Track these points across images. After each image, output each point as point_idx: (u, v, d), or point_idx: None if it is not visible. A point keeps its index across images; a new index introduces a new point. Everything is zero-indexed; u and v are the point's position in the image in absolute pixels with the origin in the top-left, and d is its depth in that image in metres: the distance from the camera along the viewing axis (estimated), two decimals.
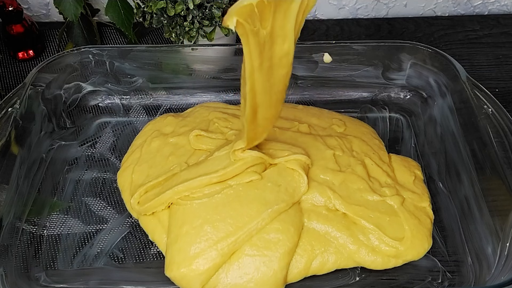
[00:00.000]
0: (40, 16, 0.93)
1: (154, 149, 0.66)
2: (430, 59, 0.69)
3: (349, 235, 0.57)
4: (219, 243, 0.55)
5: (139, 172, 0.64)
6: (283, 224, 0.56)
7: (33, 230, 0.61)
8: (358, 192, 0.60)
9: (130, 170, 0.65)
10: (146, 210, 0.60)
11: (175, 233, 0.57)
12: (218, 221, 0.56)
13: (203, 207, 0.57)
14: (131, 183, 0.63)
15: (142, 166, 0.64)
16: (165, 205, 0.59)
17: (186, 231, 0.56)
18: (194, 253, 0.55)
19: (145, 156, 0.66)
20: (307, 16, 0.49)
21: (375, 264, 0.56)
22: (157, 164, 0.64)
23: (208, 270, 0.54)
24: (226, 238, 0.55)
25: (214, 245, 0.55)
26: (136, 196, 0.61)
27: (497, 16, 0.93)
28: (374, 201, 0.59)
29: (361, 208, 0.58)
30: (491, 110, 0.60)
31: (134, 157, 0.66)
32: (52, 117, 0.69)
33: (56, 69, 0.69)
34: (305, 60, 0.72)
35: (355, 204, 0.58)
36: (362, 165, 0.62)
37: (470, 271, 0.56)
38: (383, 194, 0.60)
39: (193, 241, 0.56)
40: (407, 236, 0.57)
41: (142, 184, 0.62)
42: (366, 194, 0.60)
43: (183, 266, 0.55)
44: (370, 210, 0.58)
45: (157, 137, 0.67)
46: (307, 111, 0.71)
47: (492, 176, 0.57)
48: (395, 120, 0.73)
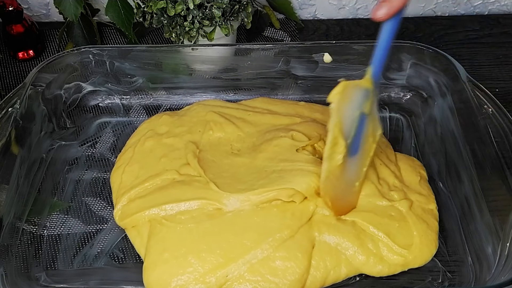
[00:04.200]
0: (40, 16, 0.93)
1: (147, 149, 0.65)
2: (430, 59, 0.69)
3: (359, 245, 0.55)
4: (207, 276, 0.52)
5: (129, 172, 0.63)
6: (290, 251, 0.53)
7: (33, 230, 0.61)
8: (366, 197, 0.59)
9: (121, 170, 0.64)
10: (126, 225, 0.59)
11: (153, 258, 0.54)
12: (204, 252, 0.53)
13: (188, 234, 0.55)
14: (120, 184, 0.63)
15: (133, 167, 0.64)
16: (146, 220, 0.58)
17: (166, 259, 0.53)
18: (176, 286, 0.52)
19: (137, 156, 0.65)
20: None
21: (381, 273, 0.56)
22: (148, 165, 0.63)
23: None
24: (215, 270, 0.52)
25: (201, 278, 0.52)
26: (120, 207, 0.60)
27: (497, 16, 0.93)
28: (383, 206, 0.58)
29: (370, 214, 0.57)
30: (491, 110, 0.60)
31: (126, 157, 0.66)
32: (52, 117, 0.69)
33: (56, 69, 0.69)
34: (305, 60, 0.72)
35: (364, 211, 0.57)
36: (373, 167, 0.61)
37: (470, 271, 0.56)
38: (391, 199, 0.59)
39: (175, 272, 0.52)
40: (416, 243, 0.56)
41: (130, 186, 0.61)
42: (375, 199, 0.59)
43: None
44: (379, 216, 0.57)
45: (151, 137, 0.67)
46: (310, 107, 0.71)
47: (492, 176, 0.57)
48: (395, 120, 0.73)
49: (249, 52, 0.73)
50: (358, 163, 0.56)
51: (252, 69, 0.74)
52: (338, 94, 0.51)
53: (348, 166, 0.55)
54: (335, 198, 0.56)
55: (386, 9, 0.47)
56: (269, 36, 0.88)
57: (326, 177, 0.54)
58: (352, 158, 0.55)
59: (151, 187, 0.61)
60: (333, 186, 0.55)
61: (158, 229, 0.56)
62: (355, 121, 0.53)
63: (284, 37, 0.88)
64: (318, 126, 0.65)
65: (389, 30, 0.50)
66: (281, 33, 0.89)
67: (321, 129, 0.64)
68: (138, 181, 0.61)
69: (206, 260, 0.53)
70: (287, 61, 0.72)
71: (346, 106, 0.52)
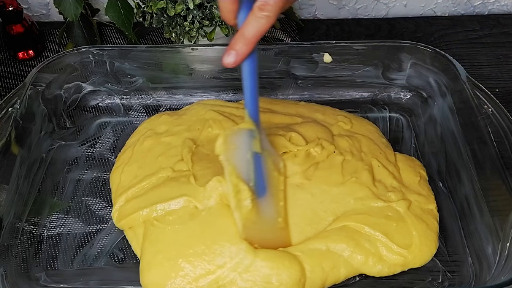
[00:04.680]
0: (40, 16, 0.93)
1: (146, 148, 0.65)
2: (430, 59, 0.69)
3: (355, 245, 0.55)
4: (199, 280, 0.52)
5: (128, 172, 0.63)
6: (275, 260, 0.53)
7: (33, 230, 0.61)
8: (360, 200, 0.58)
9: (119, 170, 0.64)
10: (123, 226, 0.59)
11: (148, 259, 0.55)
12: (192, 256, 0.53)
13: (176, 236, 0.55)
14: (119, 184, 0.63)
15: (132, 166, 0.64)
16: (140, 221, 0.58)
17: (160, 262, 0.54)
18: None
19: (136, 155, 0.65)
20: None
21: (381, 274, 0.56)
22: (146, 165, 0.63)
23: None
24: (206, 276, 0.52)
25: (194, 282, 0.52)
26: (117, 207, 0.60)
27: (497, 16, 0.93)
28: (379, 207, 0.58)
29: (363, 216, 0.57)
30: (491, 110, 0.60)
31: (125, 157, 0.66)
32: (52, 117, 0.69)
33: (56, 69, 0.69)
34: (305, 60, 0.72)
35: (357, 214, 0.57)
36: (369, 170, 0.61)
37: (470, 271, 0.56)
38: (388, 200, 0.59)
39: (168, 275, 0.53)
40: (415, 243, 0.56)
41: (128, 185, 0.61)
42: (369, 202, 0.58)
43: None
44: (374, 217, 0.57)
45: (150, 137, 0.66)
46: (310, 107, 0.71)
47: (492, 176, 0.57)
48: (395, 120, 0.73)
49: None
50: (271, 200, 0.56)
51: None
52: (222, 145, 0.52)
53: (262, 207, 0.55)
54: (263, 240, 0.54)
55: (233, 57, 0.47)
56: (269, 36, 0.88)
57: (243, 226, 0.53)
58: (263, 198, 0.55)
59: (148, 186, 0.61)
60: (255, 231, 0.54)
61: (151, 231, 0.57)
62: (251, 162, 0.53)
63: (284, 37, 0.88)
64: (319, 128, 0.65)
65: (248, 70, 0.49)
66: (281, 33, 0.89)
67: (321, 132, 0.64)
68: (136, 181, 0.61)
69: (195, 265, 0.53)
70: (287, 61, 0.72)
71: (236, 152, 0.53)
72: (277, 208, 0.56)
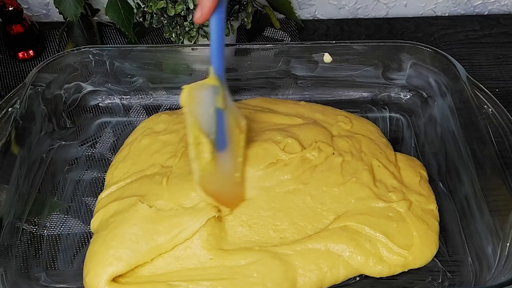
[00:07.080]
0: (40, 16, 0.93)
1: (143, 146, 0.66)
2: (430, 59, 0.69)
3: (355, 246, 0.55)
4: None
5: (121, 168, 0.64)
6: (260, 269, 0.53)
7: (33, 230, 0.61)
8: (361, 200, 0.58)
9: (114, 167, 0.65)
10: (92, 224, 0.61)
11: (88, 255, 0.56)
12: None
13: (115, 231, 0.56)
14: (110, 180, 0.63)
15: (126, 163, 0.64)
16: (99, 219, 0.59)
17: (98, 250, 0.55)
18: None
19: (132, 153, 0.65)
20: None
21: (382, 274, 0.56)
22: (139, 161, 0.64)
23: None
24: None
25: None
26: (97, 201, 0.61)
27: (497, 16, 0.93)
28: (380, 208, 0.58)
29: (364, 216, 0.57)
30: (491, 110, 0.60)
31: (122, 155, 0.66)
32: (52, 117, 0.69)
33: (56, 69, 0.69)
34: (305, 60, 0.72)
35: (358, 214, 0.57)
36: (369, 170, 0.61)
37: (470, 271, 0.56)
38: (389, 200, 0.59)
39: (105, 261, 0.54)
40: (416, 243, 0.56)
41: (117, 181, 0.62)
42: (370, 202, 0.58)
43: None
44: (375, 217, 0.57)
45: (148, 135, 0.67)
46: (310, 107, 0.71)
47: (492, 176, 0.57)
48: (395, 120, 0.73)
49: (249, 52, 0.73)
50: (230, 155, 0.58)
51: (252, 69, 0.74)
52: (186, 98, 0.53)
53: (221, 161, 0.56)
54: (218, 192, 0.56)
55: (200, 12, 0.50)
56: (269, 36, 0.88)
57: (201, 176, 0.55)
58: (223, 153, 0.57)
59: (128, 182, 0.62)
60: (211, 183, 0.56)
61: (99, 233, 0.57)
62: (213, 117, 0.55)
63: (284, 37, 0.88)
64: (318, 130, 0.65)
65: (215, 26, 0.52)
66: (281, 33, 0.89)
67: (320, 134, 0.64)
68: (124, 177, 0.62)
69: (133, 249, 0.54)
70: (287, 61, 0.72)
71: (199, 106, 0.54)
72: (235, 164, 0.59)
